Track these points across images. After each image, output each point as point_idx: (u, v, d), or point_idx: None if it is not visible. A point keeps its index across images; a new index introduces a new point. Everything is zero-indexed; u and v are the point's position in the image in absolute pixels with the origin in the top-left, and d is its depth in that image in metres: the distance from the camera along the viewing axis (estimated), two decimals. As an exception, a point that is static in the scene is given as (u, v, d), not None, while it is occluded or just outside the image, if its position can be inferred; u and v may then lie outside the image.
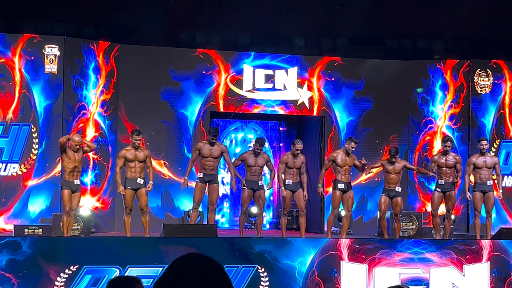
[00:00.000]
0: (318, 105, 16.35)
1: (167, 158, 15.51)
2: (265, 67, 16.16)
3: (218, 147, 13.17)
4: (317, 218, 16.09)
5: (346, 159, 13.43)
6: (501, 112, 16.45)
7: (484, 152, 13.43)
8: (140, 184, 12.63)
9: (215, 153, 13.13)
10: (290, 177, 13.37)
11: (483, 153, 13.45)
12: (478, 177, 13.46)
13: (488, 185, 13.43)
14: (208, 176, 13.13)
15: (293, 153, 13.41)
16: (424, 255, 11.51)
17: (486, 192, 13.41)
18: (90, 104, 15.17)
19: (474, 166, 13.47)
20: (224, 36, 17.74)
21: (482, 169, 13.44)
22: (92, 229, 14.34)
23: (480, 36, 17.49)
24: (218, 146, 13.18)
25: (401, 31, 18.04)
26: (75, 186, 12.40)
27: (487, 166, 13.44)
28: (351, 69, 16.56)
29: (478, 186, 13.43)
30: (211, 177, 13.14)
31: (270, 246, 11.14)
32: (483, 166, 13.44)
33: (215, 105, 15.96)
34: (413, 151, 16.52)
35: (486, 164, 13.44)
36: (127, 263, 10.51)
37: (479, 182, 13.45)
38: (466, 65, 16.49)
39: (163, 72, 15.76)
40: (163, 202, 15.47)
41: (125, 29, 17.01)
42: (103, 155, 15.27)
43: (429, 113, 16.65)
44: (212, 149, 13.10)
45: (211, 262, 2.72)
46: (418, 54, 17.66)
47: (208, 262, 2.72)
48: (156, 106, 15.68)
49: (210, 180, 13.11)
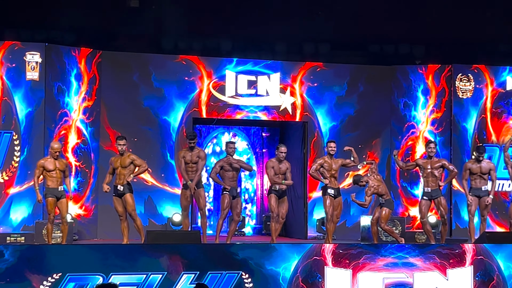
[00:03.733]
0: (300, 111, 16.36)
1: (150, 164, 15.42)
2: (248, 73, 16.16)
3: (197, 153, 13.23)
4: (301, 223, 16.08)
5: (332, 163, 13.45)
6: (482, 116, 16.53)
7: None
8: (121, 190, 12.70)
9: (195, 158, 13.16)
10: (276, 183, 13.40)
11: (479, 160, 13.53)
12: (473, 182, 13.55)
13: (483, 190, 13.51)
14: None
15: (279, 157, 13.43)
16: (408, 259, 11.52)
17: (481, 196, 13.49)
18: (72, 111, 15.10)
19: (469, 171, 13.55)
20: (206, 42, 17.73)
21: (477, 175, 13.52)
22: (75, 236, 14.27)
23: (461, 41, 17.57)
24: (197, 152, 13.23)
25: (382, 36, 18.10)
26: (60, 193, 12.38)
27: (482, 171, 13.52)
28: (333, 75, 16.59)
29: (473, 191, 13.51)
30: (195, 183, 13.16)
31: (254, 252, 11.12)
32: (478, 171, 13.51)
33: (198, 111, 15.94)
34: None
35: (481, 169, 13.51)
36: (110, 271, 10.45)
37: (474, 187, 13.52)
38: (447, 70, 16.57)
39: (145, 79, 15.72)
40: (146, 209, 15.42)
41: (107, 36, 16.97)
42: (85, 162, 15.20)
43: (411, 118, 16.71)
44: (192, 154, 13.15)
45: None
46: (400, 59, 17.72)
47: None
48: (139, 112, 15.64)
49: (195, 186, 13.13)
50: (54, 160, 12.43)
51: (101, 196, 14.97)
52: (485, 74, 16.63)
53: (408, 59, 17.65)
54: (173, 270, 10.63)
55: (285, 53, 17.64)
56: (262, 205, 17.64)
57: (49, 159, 12.48)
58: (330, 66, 16.69)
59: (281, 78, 16.30)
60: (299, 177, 15.98)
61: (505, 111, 16.64)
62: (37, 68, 14.68)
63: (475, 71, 16.59)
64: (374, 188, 13.36)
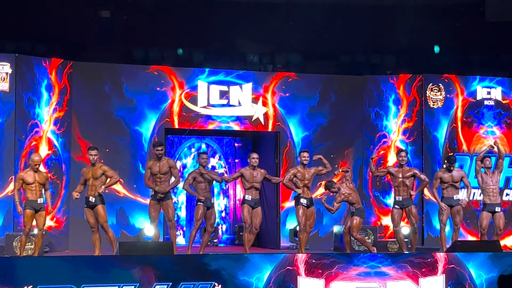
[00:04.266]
0: (273, 121, 16.38)
1: (121, 175, 15.35)
2: (220, 83, 16.15)
3: (166, 163, 13.18)
4: (273, 233, 16.08)
5: (305, 172, 13.47)
6: (453, 126, 16.65)
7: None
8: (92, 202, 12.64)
9: (163, 169, 13.11)
10: (249, 193, 13.37)
11: (450, 170, 13.59)
12: (444, 192, 13.61)
13: (455, 199, 13.57)
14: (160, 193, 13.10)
15: (252, 164, 13.40)
16: (380, 269, 11.55)
17: (453, 206, 13.55)
18: (43, 122, 14.99)
19: (441, 180, 13.62)
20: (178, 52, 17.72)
21: (448, 184, 13.59)
22: (46, 248, 14.14)
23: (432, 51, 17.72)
24: (166, 162, 13.19)
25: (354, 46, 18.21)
26: (38, 205, 12.32)
27: (454, 180, 13.58)
28: (305, 85, 16.63)
29: (444, 200, 13.56)
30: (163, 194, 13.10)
31: (227, 262, 11.09)
32: (449, 180, 13.58)
33: (170, 122, 15.89)
34: (367, 165, 16.59)
35: (452, 178, 13.57)
36: (82, 283, 10.37)
37: (446, 196, 13.58)
38: (418, 80, 16.66)
39: (117, 89, 15.65)
40: (118, 220, 15.33)
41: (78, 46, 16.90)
42: (56, 174, 15.08)
43: (383, 128, 16.79)
44: (160, 164, 13.10)
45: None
46: (371, 69, 17.83)
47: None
48: (110, 123, 15.56)
49: (162, 198, 13.07)
50: (34, 173, 12.36)
51: (72, 208, 14.87)
52: (455, 84, 16.75)
53: (379, 69, 17.76)
54: (145, 281, 10.57)
55: (257, 64, 17.68)
56: (235, 215, 17.61)
57: (29, 171, 12.39)
58: (302, 76, 16.73)
59: (253, 88, 16.31)
60: (272, 187, 15.98)
61: (476, 120, 16.77)
62: (7, 79, 14.57)
63: (446, 81, 16.70)
64: (345, 196, 13.39)
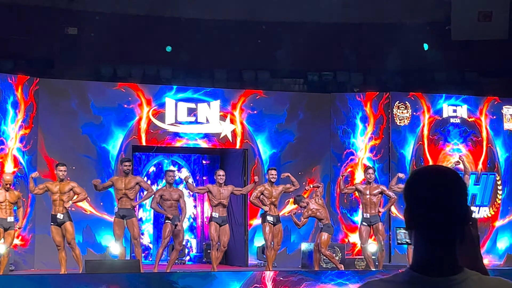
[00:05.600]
0: (241, 138, 16.38)
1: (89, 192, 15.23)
2: (188, 101, 16.12)
3: (133, 178, 13.17)
4: (241, 251, 16.04)
5: (272, 190, 13.48)
6: (420, 143, 16.76)
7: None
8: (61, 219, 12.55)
9: (129, 184, 13.07)
10: (217, 210, 13.33)
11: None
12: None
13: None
14: (123, 211, 13.05)
15: (218, 181, 13.39)
16: (348, 286, 11.57)
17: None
18: (8, 139, 14.85)
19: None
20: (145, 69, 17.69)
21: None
22: (11, 267, 13.96)
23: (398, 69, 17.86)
24: (132, 178, 13.19)
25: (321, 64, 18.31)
26: (8, 224, 12.23)
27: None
28: (273, 102, 16.67)
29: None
30: (127, 211, 13.05)
31: (194, 280, 11.06)
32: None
33: (137, 139, 15.83)
34: (335, 183, 16.65)
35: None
36: (47, 301, 10.28)
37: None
38: (385, 97, 16.78)
39: (83, 106, 15.56)
40: (84, 238, 15.19)
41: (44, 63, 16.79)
42: (22, 191, 14.88)
43: (350, 145, 16.86)
44: (126, 180, 13.05)
45: None
46: (339, 87, 17.92)
47: None
48: (77, 140, 15.45)
49: (126, 215, 13.02)
50: (5, 192, 12.32)
51: (38, 226, 14.72)
52: (421, 101, 16.89)
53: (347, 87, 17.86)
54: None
55: (225, 81, 17.70)
56: (203, 233, 17.55)
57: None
58: (270, 94, 16.77)
59: (221, 105, 16.31)
60: (240, 204, 15.96)
61: (442, 138, 16.90)
62: (-28, 96, 14.42)
63: (412, 99, 16.84)
64: (312, 211, 13.43)
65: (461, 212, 2.40)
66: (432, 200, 2.39)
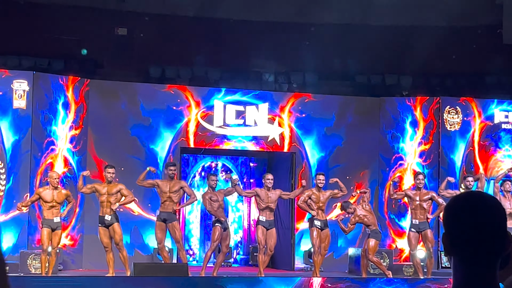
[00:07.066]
0: (289, 141, 16.32)
1: (136, 194, 15.32)
2: (236, 103, 16.11)
3: (178, 182, 13.23)
4: (288, 255, 15.98)
5: (320, 195, 13.41)
6: (470, 149, 16.53)
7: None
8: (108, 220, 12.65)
9: (174, 188, 13.12)
10: (264, 214, 13.31)
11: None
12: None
13: None
14: (165, 214, 13.09)
15: (267, 185, 13.39)
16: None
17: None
18: (58, 139, 14.99)
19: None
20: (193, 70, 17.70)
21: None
22: (60, 266, 14.10)
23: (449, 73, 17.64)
24: (176, 181, 13.24)
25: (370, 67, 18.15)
26: (55, 224, 12.35)
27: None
28: (321, 106, 16.58)
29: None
30: (167, 215, 13.08)
31: (241, 285, 11.03)
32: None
33: (185, 141, 15.86)
34: (383, 188, 16.51)
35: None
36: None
37: None
38: (435, 102, 16.57)
39: (133, 108, 15.65)
40: (132, 239, 15.27)
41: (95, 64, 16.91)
42: (71, 191, 15.03)
43: (399, 150, 16.69)
44: (171, 184, 13.10)
45: None
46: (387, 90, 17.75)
47: None
48: (126, 141, 15.54)
49: (167, 219, 13.06)
50: (53, 191, 12.46)
51: (86, 226, 14.83)
52: (473, 106, 16.66)
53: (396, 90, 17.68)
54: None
55: (273, 83, 17.64)
56: (249, 235, 17.52)
57: (47, 189, 12.50)
58: (319, 97, 16.68)
59: (270, 108, 16.26)
60: (286, 208, 15.90)
61: (493, 144, 16.65)
62: (24, 96, 14.58)
63: (463, 104, 16.61)
64: (359, 217, 13.33)
65: (503, 239, 2.38)
66: (476, 226, 2.37)
